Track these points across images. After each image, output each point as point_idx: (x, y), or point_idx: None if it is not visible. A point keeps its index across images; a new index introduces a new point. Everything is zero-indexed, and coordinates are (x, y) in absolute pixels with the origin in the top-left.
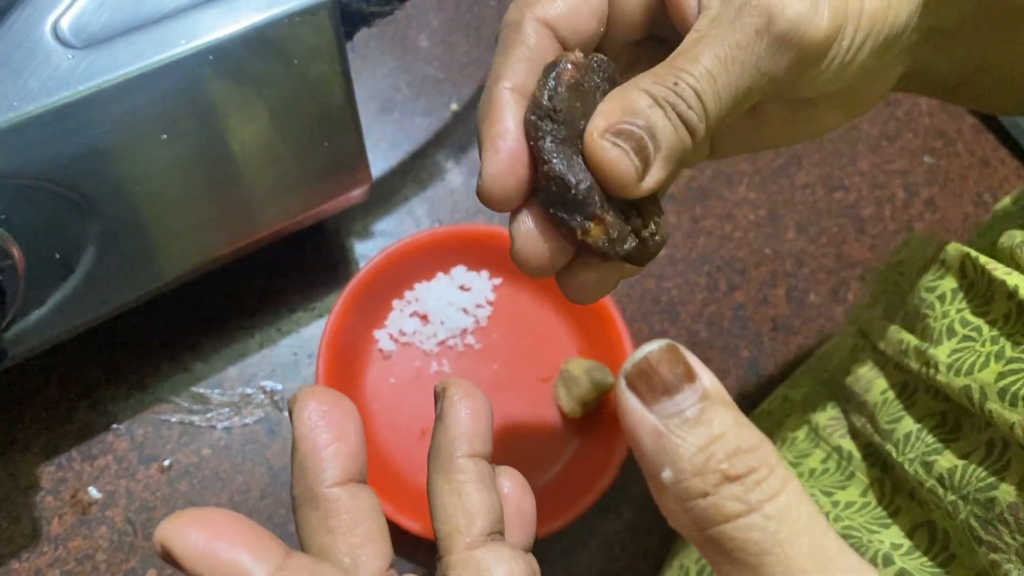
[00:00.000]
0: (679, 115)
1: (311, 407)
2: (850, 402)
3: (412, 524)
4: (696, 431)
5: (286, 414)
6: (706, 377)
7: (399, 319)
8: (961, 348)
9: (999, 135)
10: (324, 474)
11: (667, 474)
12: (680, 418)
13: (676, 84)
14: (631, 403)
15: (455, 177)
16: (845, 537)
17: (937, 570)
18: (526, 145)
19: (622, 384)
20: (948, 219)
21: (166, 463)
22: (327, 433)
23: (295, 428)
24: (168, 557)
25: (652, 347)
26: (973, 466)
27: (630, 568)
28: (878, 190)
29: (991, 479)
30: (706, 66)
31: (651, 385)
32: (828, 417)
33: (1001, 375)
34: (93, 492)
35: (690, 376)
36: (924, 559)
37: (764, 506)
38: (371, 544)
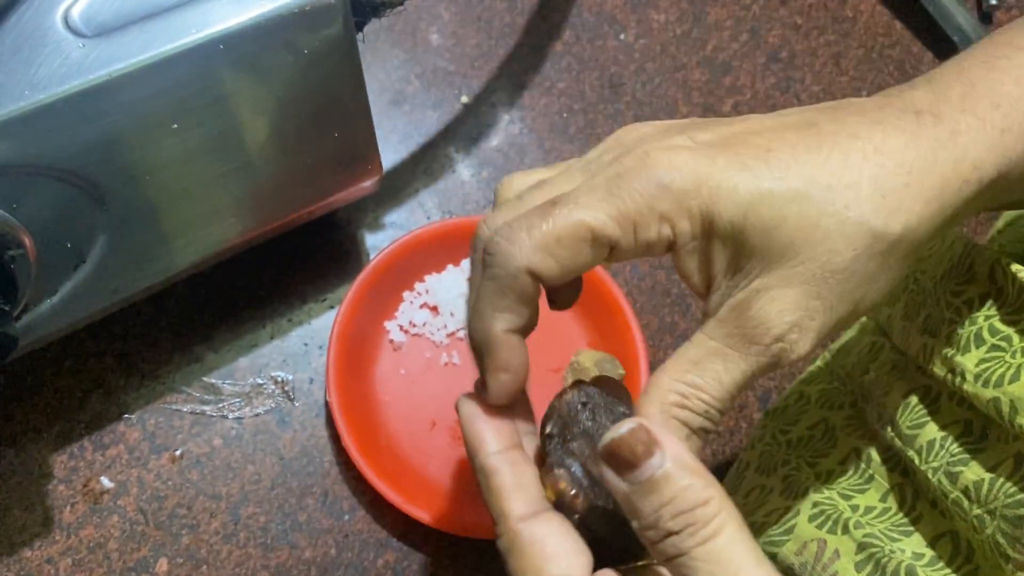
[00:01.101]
0: (703, 429)
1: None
2: (868, 402)
3: (423, 515)
4: (651, 498)
5: (297, 404)
6: (669, 448)
7: (409, 310)
8: (990, 358)
9: None
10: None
11: (635, 524)
12: (641, 487)
13: (707, 412)
14: (607, 473)
15: (465, 169)
16: (866, 545)
17: None
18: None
19: (600, 457)
20: None
21: (177, 453)
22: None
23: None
24: None
25: (623, 429)
26: (1001, 480)
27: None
28: None
29: (1020, 495)
30: (728, 388)
31: (619, 462)
32: (845, 416)
33: None
34: (105, 481)
35: (649, 452)
36: (947, 571)
37: (694, 551)
38: None
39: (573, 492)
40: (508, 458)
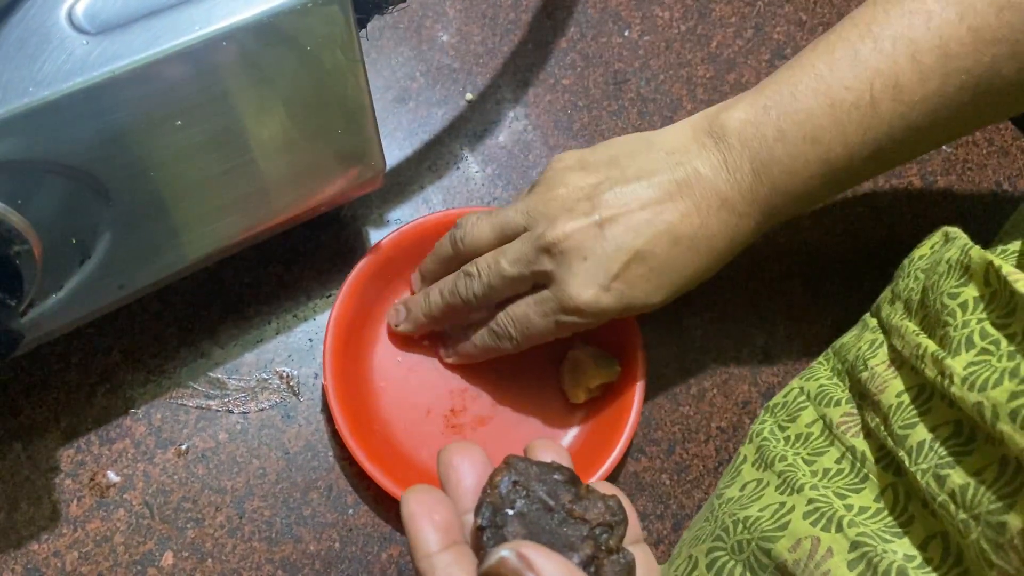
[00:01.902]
0: None
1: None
2: (864, 399)
3: None
4: None
5: (301, 399)
6: (544, 571)
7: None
8: (978, 361)
9: (1019, 124)
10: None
11: None
12: None
13: None
14: None
15: (470, 166)
16: (859, 544)
17: None
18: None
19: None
20: (966, 209)
21: (183, 447)
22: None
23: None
24: None
25: (504, 552)
26: (984, 488)
27: None
28: (894, 179)
29: (1002, 503)
30: None
31: None
32: (842, 413)
33: (1014, 395)
34: (111, 475)
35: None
36: (937, 574)
37: None
38: None
39: None
40: (447, 558)
